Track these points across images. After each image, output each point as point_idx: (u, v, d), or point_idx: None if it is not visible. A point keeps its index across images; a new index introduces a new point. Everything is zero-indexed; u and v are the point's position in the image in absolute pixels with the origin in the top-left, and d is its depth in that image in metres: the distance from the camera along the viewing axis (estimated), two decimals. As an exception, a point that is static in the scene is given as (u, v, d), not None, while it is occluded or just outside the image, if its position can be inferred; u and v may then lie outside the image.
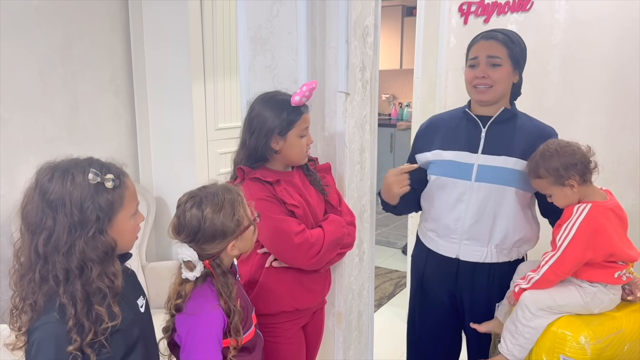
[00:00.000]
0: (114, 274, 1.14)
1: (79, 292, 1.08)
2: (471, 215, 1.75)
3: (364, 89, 1.93)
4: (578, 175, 1.59)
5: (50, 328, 1.07)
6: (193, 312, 1.31)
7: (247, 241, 1.40)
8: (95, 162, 1.15)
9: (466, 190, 1.75)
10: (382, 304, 3.69)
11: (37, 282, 1.09)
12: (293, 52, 1.82)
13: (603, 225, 1.57)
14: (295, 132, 1.60)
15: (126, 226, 1.18)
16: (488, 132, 1.75)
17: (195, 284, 1.34)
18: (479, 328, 1.82)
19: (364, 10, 1.86)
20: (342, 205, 1.73)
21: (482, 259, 1.78)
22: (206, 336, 1.30)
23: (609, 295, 1.62)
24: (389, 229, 5.46)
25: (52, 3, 2.53)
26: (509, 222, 1.74)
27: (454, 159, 1.78)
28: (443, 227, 1.82)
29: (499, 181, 1.72)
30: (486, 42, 1.73)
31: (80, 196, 1.09)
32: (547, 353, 1.60)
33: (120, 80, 2.91)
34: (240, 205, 1.37)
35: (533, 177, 1.65)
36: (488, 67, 1.71)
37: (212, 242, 1.32)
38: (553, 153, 1.60)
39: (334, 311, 1.94)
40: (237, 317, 1.33)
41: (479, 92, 1.74)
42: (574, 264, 1.58)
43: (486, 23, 2.82)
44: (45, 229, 1.08)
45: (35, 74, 2.50)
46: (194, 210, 1.32)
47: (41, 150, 2.54)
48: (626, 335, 1.60)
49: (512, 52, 1.71)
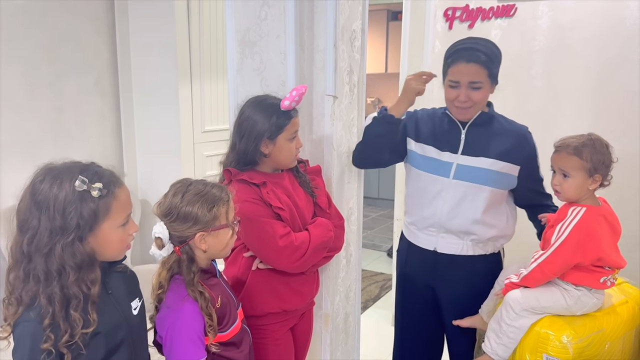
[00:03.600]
0: (92, 282, 1.14)
1: (57, 295, 1.10)
2: (447, 210, 1.81)
3: (351, 92, 1.95)
4: (603, 177, 1.63)
5: (28, 327, 1.10)
6: (170, 304, 1.34)
7: (220, 242, 1.41)
8: (91, 168, 1.15)
9: (444, 187, 1.82)
10: (367, 306, 3.70)
11: (21, 279, 1.12)
12: (281, 55, 1.84)
13: (594, 229, 1.60)
14: (285, 136, 1.60)
15: (112, 235, 1.17)
16: (467, 134, 1.81)
17: (171, 274, 1.38)
18: (460, 323, 1.87)
19: (352, 15, 1.88)
20: (331, 208, 1.74)
21: (459, 251, 1.85)
22: (185, 334, 1.32)
23: (592, 299, 1.65)
24: (375, 232, 5.49)
25: (37, 5, 2.51)
26: (484, 218, 1.80)
27: (435, 157, 1.83)
28: (421, 220, 1.88)
29: (476, 180, 1.78)
30: (467, 65, 1.71)
31: (64, 201, 1.10)
32: (530, 352, 1.62)
33: (105, 83, 2.90)
34: (222, 204, 1.39)
35: (571, 154, 1.62)
36: (469, 90, 1.73)
37: (182, 224, 1.35)
38: (604, 147, 1.63)
39: (321, 313, 1.95)
40: (204, 303, 1.34)
41: (460, 112, 1.78)
42: (562, 265, 1.61)
43: (471, 28, 2.86)
44: (30, 228, 1.10)
45: (20, 76, 2.48)
46: (180, 190, 1.38)
47: (25, 152, 2.52)
48: (607, 335, 1.63)
49: (492, 72, 1.72)
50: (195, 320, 1.33)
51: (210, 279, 1.44)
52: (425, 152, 1.86)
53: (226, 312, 1.42)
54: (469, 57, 1.71)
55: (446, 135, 1.83)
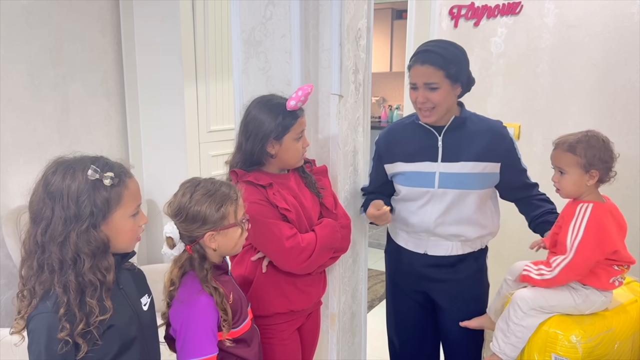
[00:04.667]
0: (107, 269, 1.17)
1: (72, 283, 1.12)
2: (435, 217, 1.82)
3: (357, 92, 1.94)
4: (601, 172, 1.62)
5: (44, 318, 1.11)
6: (184, 298, 1.35)
7: (230, 240, 1.42)
8: (101, 160, 1.19)
9: (431, 197, 1.83)
10: (373, 305, 3.70)
11: (35, 270, 1.14)
12: (286, 54, 1.83)
13: (606, 223, 1.59)
14: (291, 136, 1.60)
15: (124, 225, 1.20)
16: (444, 140, 1.81)
17: (183, 271, 1.40)
18: (469, 324, 1.88)
19: (357, 14, 1.87)
20: (337, 208, 1.74)
21: (449, 252, 1.86)
22: (201, 327, 1.33)
23: (601, 297, 1.64)
24: (380, 231, 5.47)
25: (43, 5, 2.52)
26: (471, 221, 1.82)
27: (416, 170, 1.84)
28: (411, 226, 1.89)
29: (460, 186, 1.79)
30: (421, 67, 1.73)
31: (77, 190, 1.12)
32: (539, 352, 1.61)
33: (111, 83, 2.90)
34: (231, 202, 1.39)
35: (566, 151, 1.63)
36: (426, 91, 1.74)
37: (192, 224, 1.37)
38: (600, 143, 1.62)
39: (328, 312, 1.95)
40: (219, 298, 1.35)
41: (424, 115, 1.79)
42: (586, 264, 1.59)
43: (476, 26, 2.85)
44: (44, 218, 1.13)
45: (26, 77, 2.49)
46: (188, 189, 1.39)
47: (31, 152, 2.53)
48: (616, 334, 1.62)
49: (449, 72, 1.72)
50: (210, 314, 1.35)
51: (222, 275, 1.46)
52: (405, 168, 1.86)
53: (238, 308, 1.43)
54: (423, 59, 1.74)
55: (423, 145, 1.84)
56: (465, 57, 1.78)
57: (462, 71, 1.76)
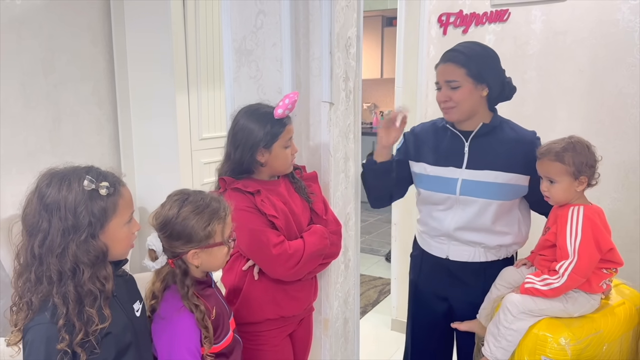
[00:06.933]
0: (105, 278, 1.17)
1: (71, 294, 1.12)
2: (456, 224, 1.81)
3: (347, 99, 1.96)
4: (589, 177, 1.65)
5: (42, 329, 1.11)
6: (165, 315, 1.34)
7: (214, 259, 1.39)
8: (93, 170, 1.19)
9: (452, 204, 1.81)
10: (366, 311, 3.71)
11: (32, 282, 1.13)
12: (277, 63, 1.85)
13: (598, 223, 1.63)
14: (280, 144, 1.62)
15: (119, 233, 1.20)
16: (471, 147, 1.80)
17: (165, 285, 1.37)
18: (459, 326, 1.88)
19: (347, 22, 1.90)
20: (328, 214, 1.75)
21: (471, 258, 1.84)
22: (184, 347, 1.32)
23: (590, 301, 1.67)
24: (373, 236, 5.50)
25: (33, 16, 2.52)
26: (493, 228, 1.79)
27: (439, 175, 1.83)
28: (432, 229, 1.89)
29: (483, 195, 1.76)
30: (444, 65, 1.77)
31: (74, 201, 1.13)
32: (529, 354, 1.63)
33: (102, 92, 2.91)
34: (219, 220, 1.37)
35: (554, 160, 1.64)
36: (448, 90, 1.76)
37: (175, 240, 1.34)
38: (585, 149, 1.65)
39: (321, 318, 1.96)
40: (200, 315, 1.33)
41: (446, 112, 1.81)
42: (591, 265, 1.61)
43: (465, 34, 2.88)
44: (41, 231, 1.12)
45: (17, 87, 2.49)
46: (176, 203, 1.36)
47: (23, 162, 2.53)
48: (605, 336, 1.64)
49: (471, 71, 1.72)
50: (192, 332, 1.33)
51: (205, 289, 1.43)
52: (428, 171, 1.86)
53: (219, 323, 1.41)
54: (445, 58, 1.78)
55: (449, 150, 1.83)
56: (492, 58, 1.77)
57: (488, 71, 1.74)
